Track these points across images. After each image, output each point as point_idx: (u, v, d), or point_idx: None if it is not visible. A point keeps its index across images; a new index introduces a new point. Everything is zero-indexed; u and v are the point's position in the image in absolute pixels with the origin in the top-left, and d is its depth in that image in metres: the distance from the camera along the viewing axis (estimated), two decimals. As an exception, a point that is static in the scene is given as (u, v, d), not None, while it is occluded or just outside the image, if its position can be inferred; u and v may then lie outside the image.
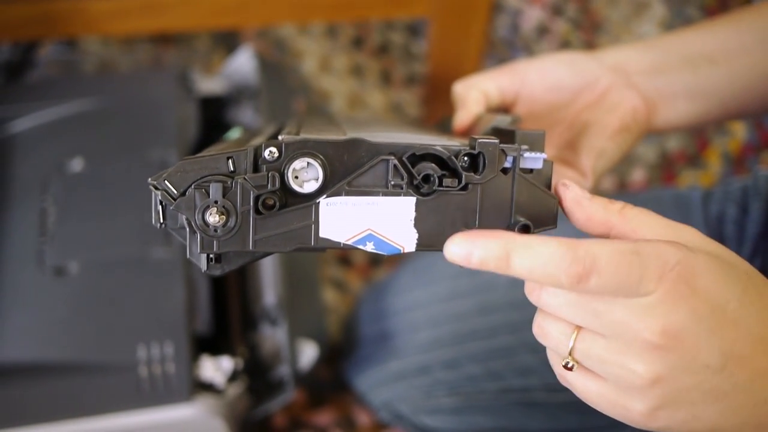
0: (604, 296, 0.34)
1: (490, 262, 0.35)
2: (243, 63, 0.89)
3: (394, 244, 0.39)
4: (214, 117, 0.89)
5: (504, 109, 0.55)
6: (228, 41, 1.25)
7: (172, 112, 0.82)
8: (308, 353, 0.76)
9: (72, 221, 0.74)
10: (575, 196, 0.39)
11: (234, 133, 0.72)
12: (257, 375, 0.75)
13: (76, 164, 0.78)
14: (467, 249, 0.35)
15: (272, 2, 0.94)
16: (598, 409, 0.38)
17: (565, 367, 0.37)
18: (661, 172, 1.23)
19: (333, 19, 1.24)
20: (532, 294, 0.37)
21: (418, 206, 0.38)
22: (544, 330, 0.37)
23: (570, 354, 0.36)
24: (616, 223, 0.38)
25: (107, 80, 0.92)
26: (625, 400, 0.36)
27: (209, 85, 0.90)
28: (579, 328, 0.36)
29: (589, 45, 1.32)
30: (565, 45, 1.32)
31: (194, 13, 0.92)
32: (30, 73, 1.10)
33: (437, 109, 1.15)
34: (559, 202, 0.39)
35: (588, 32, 1.33)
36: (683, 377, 0.35)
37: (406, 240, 0.39)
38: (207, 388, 0.70)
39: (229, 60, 0.91)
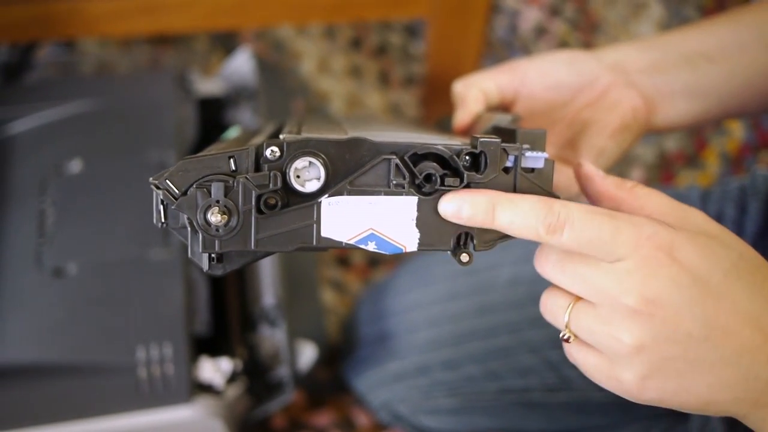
0: (584, 257, 0.36)
1: (478, 215, 0.37)
2: (241, 64, 0.88)
3: (396, 244, 0.39)
4: (212, 118, 0.89)
5: (503, 107, 0.55)
6: (226, 42, 1.25)
7: (171, 113, 0.82)
8: (307, 354, 0.76)
9: (71, 222, 0.74)
10: (589, 173, 0.41)
11: (233, 132, 0.72)
12: (256, 376, 0.75)
13: (75, 166, 0.78)
14: (458, 204, 0.38)
15: (270, 3, 0.94)
16: (597, 382, 0.39)
17: (563, 339, 0.39)
18: (659, 172, 1.23)
19: (331, 20, 1.24)
20: (535, 261, 0.39)
21: (420, 206, 0.39)
22: (545, 305, 0.39)
23: (567, 327, 0.38)
24: (625, 198, 0.40)
25: (105, 81, 0.92)
26: (615, 370, 0.37)
27: (208, 86, 0.89)
28: (576, 300, 0.38)
29: (587, 45, 1.32)
30: (562, 46, 1.32)
31: (192, 15, 0.92)
32: (28, 75, 1.09)
33: (436, 110, 1.15)
34: (576, 175, 0.41)
35: (586, 33, 1.33)
36: (667, 345, 0.36)
37: (408, 239, 0.39)
38: (206, 389, 0.69)
39: (227, 61, 0.90)
